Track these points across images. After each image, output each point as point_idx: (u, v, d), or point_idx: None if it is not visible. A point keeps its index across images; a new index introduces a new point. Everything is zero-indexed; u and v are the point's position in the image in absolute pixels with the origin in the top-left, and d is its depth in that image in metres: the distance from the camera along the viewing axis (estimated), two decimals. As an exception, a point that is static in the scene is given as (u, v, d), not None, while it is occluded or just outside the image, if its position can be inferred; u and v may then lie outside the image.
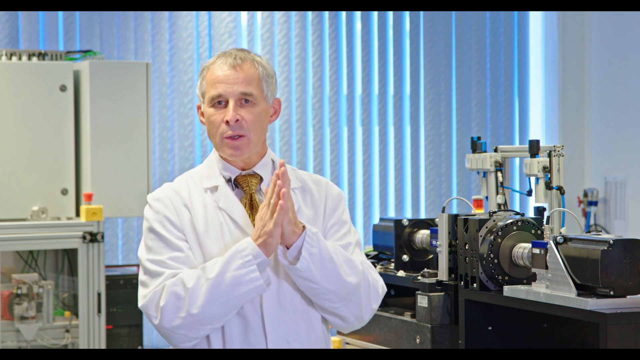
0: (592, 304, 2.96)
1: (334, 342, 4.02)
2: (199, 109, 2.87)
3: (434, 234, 3.68)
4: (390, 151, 7.07)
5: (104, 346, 5.37)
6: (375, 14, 7.01)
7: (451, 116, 7.20)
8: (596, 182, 7.34)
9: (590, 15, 7.35)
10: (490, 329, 3.46)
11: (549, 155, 3.67)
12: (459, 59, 7.22)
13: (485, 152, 3.97)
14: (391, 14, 7.05)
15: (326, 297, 2.73)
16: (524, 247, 3.33)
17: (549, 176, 3.67)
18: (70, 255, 5.54)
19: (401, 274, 3.95)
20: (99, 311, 5.34)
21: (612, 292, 2.96)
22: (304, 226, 2.69)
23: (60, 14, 6.22)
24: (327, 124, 6.90)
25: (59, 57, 5.61)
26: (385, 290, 2.86)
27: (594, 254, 2.97)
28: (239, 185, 2.82)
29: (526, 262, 3.31)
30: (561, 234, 3.34)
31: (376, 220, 6.81)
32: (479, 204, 4.01)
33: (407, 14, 7.10)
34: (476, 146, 3.99)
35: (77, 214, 5.51)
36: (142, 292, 2.72)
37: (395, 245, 3.99)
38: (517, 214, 3.53)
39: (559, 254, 3.08)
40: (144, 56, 6.41)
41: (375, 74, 7.03)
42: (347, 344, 4.07)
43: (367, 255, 4.17)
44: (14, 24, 6.13)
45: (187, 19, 6.54)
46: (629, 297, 2.97)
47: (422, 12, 7.10)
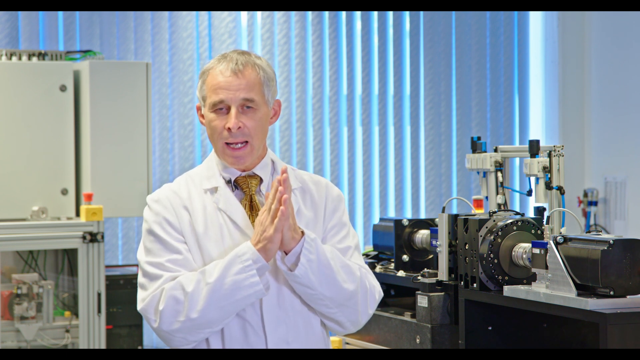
0: (592, 304, 2.95)
1: (334, 342, 4.03)
2: (198, 110, 2.87)
3: (434, 234, 3.68)
4: (390, 151, 7.07)
5: (104, 346, 5.36)
6: (375, 14, 7.01)
7: (451, 116, 7.20)
8: (596, 182, 7.34)
9: (590, 15, 7.35)
10: (490, 329, 3.46)
11: (549, 155, 3.67)
12: (459, 59, 7.22)
13: (485, 152, 3.97)
14: (391, 14, 7.05)
15: (323, 302, 2.73)
16: (524, 247, 3.33)
17: (549, 176, 3.67)
18: (70, 255, 5.54)
19: (401, 274, 3.95)
20: (99, 311, 5.33)
21: (612, 292, 2.96)
22: (303, 232, 2.69)
23: (60, 14, 6.22)
24: (327, 124, 6.90)
25: (59, 57, 5.61)
26: (382, 295, 2.86)
27: (594, 254, 2.97)
28: (238, 186, 2.82)
29: (526, 262, 3.31)
30: (561, 234, 3.34)
31: (376, 220, 6.81)
32: (479, 204, 4.01)
33: (407, 14, 7.10)
34: (476, 146, 3.99)
35: (77, 214, 5.51)
36: (141, 294, 2.72)
37: (395, 245, 3.98)
38: (517, 214, 3.53)
39: (559, 254, 3.08)
40: (144, 56, 6.41)
41: (375, 74, 7.03)
42: (347, 344, 4.07)
43: (367, 255, 4.18)
44: (14, 24, 6.13)
45: (187, 19, 6.54)
46: (629, 297, 2.97)
47: (422, 12, 7.10)
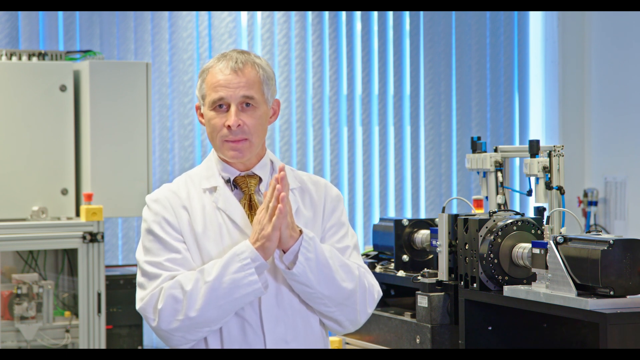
0: (592, 304, 2.95)
1: (334, 342, 4.03)
2: (197, 109, 2.87)
3: (434, 234, 3.68)
4: (390, 151, 7.07)
5: (104, 346, 5.36)
6: (375, 14, 7.01)
7: (451, 116, 7.20)
8: (596, 182, 7.34)
9: (590, 15, 7.35)
10: (490, 329, 3.46)
11: (549, 155, 3.67)
12: (459, 59, 7.22)
13: (485, 152, 3.97)
14: (391, 14, 7.05)
15: (322, 301, 2.74)
16: (524, 247, 3.33)
17: (549, 176, 3.67)
18: (70, 255, 5.54)
19: (401, 274, 3.95)
20: (99, 311, 5.33)
21: (612, 292, 2.96)
22: (301, 230, 2.69)
23: (60, 14, 6.22)
24: (327, 124, 6.90)
25: (59, 57, 5.61)
26: (380, 294, 2.86)
27: (594, 254, 2.97)
28: (238, 186, 2.82)
29: (526, 262, 3.31)
30: (561, 234, 3.34)
31: (376, 220, 6.81)
32: (479, 204, 4.01)
33: (407, 14, 7.10)
34: (476, 146, 3.99)
35: (77, 214, 5.51)
36: (139, 294, 2.72)
37: (395, 245, 3.98)
38: (517, 214, 3.53)
39: (559, 254, 3.08)
40: (144, 56, 6.41)
41: (375, 74, 7.03)
42: (347, 344, 4.07)
43: (367, 255, 4.18)
44: (14, 24, 6.13)
45: (187, 19, 6.54)
46: (629, 297, 2.97)
47: (422, 12, 7.10)
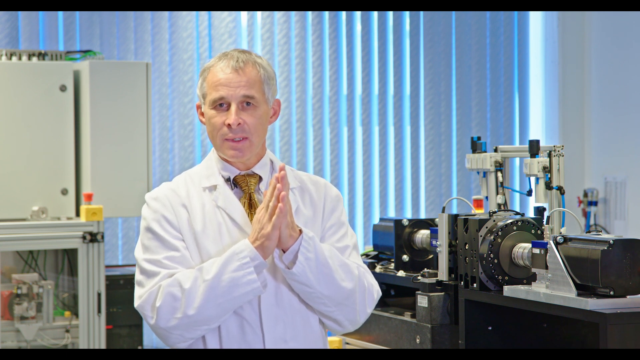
0: (592, 304, 2.95)
1: (334, 342, 4.03)
2: (198, 108, 2.88)
3: (434, 234, 3.68)
4: (390, 151, 7.07)
5: (104, 346, 5.36)
6: (375, 14, 7.01)
7: (451, 116, 7.20)
8: (596, 182, 7.34)
9: (590, 15, 7.35)
10: (490, 329, 3.46)
11: (549, 155, 3.67)
12: (459, 59, 7.22)
13: (485, 152, 3.97)
14: (391, 14, 7.05)
15: (321, 301, 2.74)
16: (524, 247, 3.33)
17: (549, 176, 3.67)
18: (70, 255, 5.54)
19: (401, 274, 3.95)
20: (99, 311, 5.33)
21: (612, 292, 2.96)
22: (301, 230, 2.69)
23: (60, 14, 6.22)
24: (327, 124, 6.90)
25: (59, 57, 5.61)
26: (380, 294, 2.86)
27: (594, 254, 2.97)
28: (238, 184, 2.82)
29: (526, 262, 3.31)
30: (561, 234, 3.34)
31: (376, 220, 6.81)
32: (479, 204, 4.01)
33: (407, 14, 7.10)
34: (476, 146, 3.99)
35: (77, 214, 5.51)
36: (138, 292, 2.72)
37: (395, 245, 3.98)
38: (517, 214, 3.53)
39: (559, 254, 3.08)
40: (144, 56, 6.41)
41: (375, 74, 7.03)
42: (347, 344, 4.07)
43: (367, 255, 4.18)
44: (14, 24, 6.13)
45: (187, 19, 6.54)
46: (629, 297, 2.97)
47: (422, 12, 7.10)
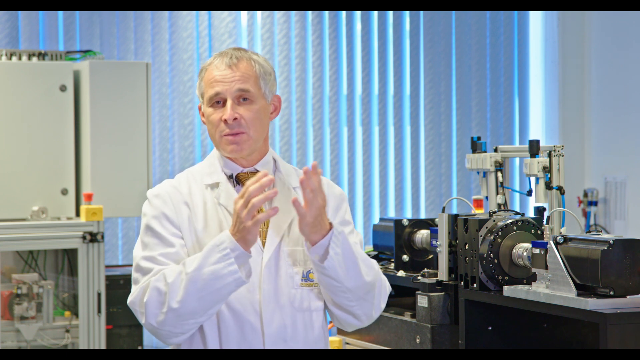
0: (592, 304, 2.95)
1: (334, 342, 4.02)
2: (200, 109, 2.88)
3: (434, 234, 3.68)
4: (390, 151, 7.07)
5: (104, 346, 5.36)
6: (375, 14, 7.00)
7: (451, 116, 7.20)
8: (596, 182, 7.34)
9: (590, 15, 7.35)
10: (490, 329, 3.46)
11: (549, 155, 3.68)
12: (459, 59, 7.22)
13: (485, 152, 3.97)
14: (391, 14, 7.05)
15: (345, 295, 2.73)
16: (524, 247, 3.33)
17: (549, 176, 3.67)
18: (70, 255, 5.54)
19: (401, 274, 3.95)
20: (99, 311, 5.33)
21: (612, 292, 2.96)
22: (331, 224, 2.67)
23: (60, 14, 6.22)
24: (327, 124, 6.90)
25: (59, 57, 5.61)
26: (391, 290, 2.87)
27: (594, 254, 2.97)
28: (240, 182, 2.82)
29: (526, 262, 3.31)
30: (561, 234, 3.34)
31: (376, 220, 6.81)
32: (479, 204, 4.01)
33: (407, 14, 7.10)
34: (476, 146, 3.99)
35: (77, 214, 5.51)
36: (132, 289, 2.73)
37: (395, 245, 3.99)
38: (517, 214, 3.53)
39: (559, 254, 3.08)
40: (144, 56, 6.40)
41: (375, 74, 7.03)
42: (347, 344, 4.07)
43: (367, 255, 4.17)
44: (14, 24, 6.13)
45: (187, 19, 6.54)
46: (629, 297, 2.97)
47: (422, 12, 7.10)
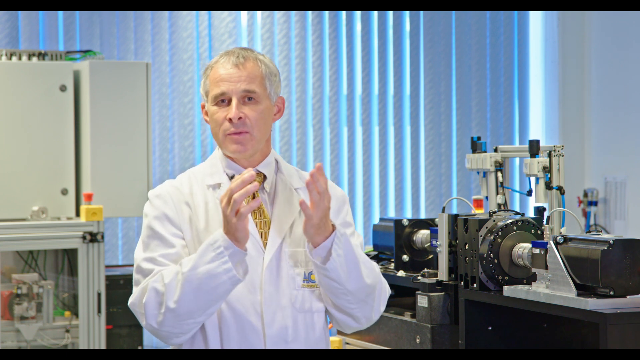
0: (592, 304, 2.95)
1: (334, 342, 4.02)
2: (203, 108, 2.87)
3: (434, 234, 3.68)
4: (390, 151, 7.07)
5: (104, 346, 5.36)
6: (375, 14, 7.01)
7: (451, 116, 7.20)
8: (596, 182, 7.34)
9: (590, 15, 7.35)
10: (490, 329, 3.46)
11: (549, 155, 3.68)
12: (459, 59, 7.22)
13: (485, 152, 3.97)
14: (391, 14, 7.05)
15: (346, 297, 2.73)
16: (524, 247, 3.33)
17: (549, 176, 3.67)
18: (70, 255, 5.54)
19: (401, 274, 3.95)
20: (99, 311, 5.33)
21: (612, 292, 2.96)
22: (334, 225, 2.67)
23: (60, 14, 6.22)
24: (327, 124, 6.90)
25: (59, 57, 5.61)
26: (390, 292, 2.87)
27: (594, 254, 2.97)
28: (242, 183, 2.82)
29: (526, 262, 3.31)
30: (561, 234, 3.34)
31: (376, 220, 6.81)
32: (479, 204, 4.01)
33: (407, 14, 7.10)
34: (476, 146, 3.99)
35: (77, 214, 5.51)
36: (133, 291, 2.73)
37: (395, 245, 3.98)
38: (517, 214, 3.53)
39: (559, 254, 3.08)
40: (144, 56, 6.41)
41: (375, 74, 7.03)
42: (347, 344, 4.07)
43: (367, 255, 4.17)
44: (14, 24, 6.13)
45: (187, 19, 6.54)
46: (629, 297, 2.97)
47: (422, 12, 7.10)
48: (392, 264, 4.04)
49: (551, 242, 3.10)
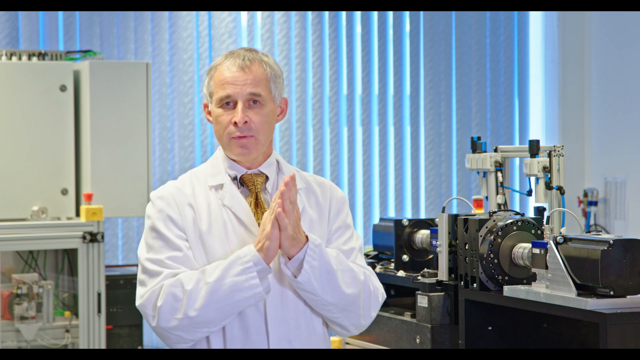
0: (592, 304, 2.95)
1: (335, 341, 4.03)
2: (205, 107, 2.87)
3: (434, 234, 3.68)
4: (390, 151, 7.07)
5: (104, 346, 5.37)
6: (375, 14, 7.01)
7: (451, 116, 7.20)
8: (596, 182, 7.34)
9: (590, 15, 7.35)
10: (490, 329, 3.46)
11: (549, 155, 3.67)
12: (459, 59, 7.22)
13: (485, 152, 3.97)
14: (391, 14, 7.05)
15: (326, 308, 2.75)
16: (524, 247, 3.33)
17: (549, 176, 3.67)
18: (70, 255, 5.54)
19: (401, 274, 3.95)
20: (99, 311, 5.34)
21: (612, 292, 2.96)
22: (307, 237, 2.69)
23: (60, 14, 6.22)
24: (327, 124, 6.90)
25: (59, 57, 5.61)
26: (384, 297, 2.87)
27: (594, 254, 2.97)
28: (244, 184, 2.83)
29: (526, 262, 3.31)
30: (561, 234, 3.34)
31: (376, 220, 6.81)
32: (479, 204, 4.01)
33: (407, 14, 7.10)
34: (476, 146, 3.99)
35: (77, 214, 5.51)
36: (140, 291, 2.72)
37: (395, 245, 3.98)
38: (517, 214, 3.52)
39: (559, 254, 3.08)
40: (144, 56, 6.41)
41: (375, 74, 7.03)
42: (347, 344, 4.07)
43: (367, 255, 4.17)
44: (14, 24, 6.13)
45: (187, 19, 6.54)
46: (629, 297, 2.97)
47: (422, 12, 7.10)
48: (392, 264, 4.04)
49: (551, 242, 3.10)
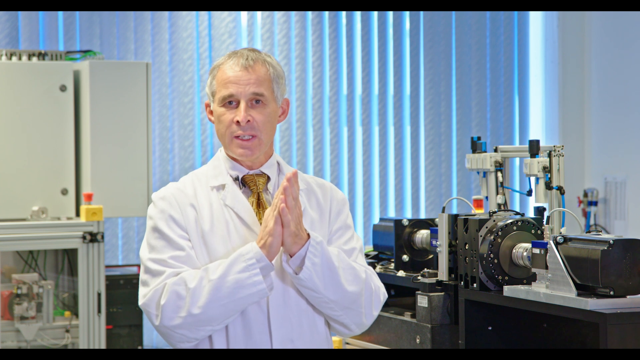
0: (592, 304, 2.95)
1: (335, 341, 4.03)
2: (207, 107, 2.88)
3: (434, 234, 3.68)
4: (390, 151, 7.07)
5: (104, 346, 5.37)
6: (375, 14, 7.01)
7: (451, 116, 7.21)
8: (596, 182, 7.34)
9: (590, 15, 7.35)
10: (490, 329, 3.46)
11: (549, 155, 3.67)
12: (459, 59, 7.22)
13: (485, 152, 3.97)
14: (391, 14, 7.05)
15: (328, 306, 2.75)
16: (524, 247, 3.33)
17: (549, 176, 3.67)
18: (70, 255, 5.54)
19: (401, 274, 3.95)
20: (99, 311, 5.34)
21: (612, 292, 2.96)
22: (309, 234, 2.69)
23: (60, 14, 6.22)
24: (327, 124, 6.90)
25: (59, 57, 5.61)
26: (386, 296, 2.87)
27: (594, 254, 2.97)
28: (246, 184, 2.83)
29: (526, 262, 3.31)
30: (561, 234, 3.34)
31: (376, 220, 6.81)
32: (479, 204, 4.01)
33: (407, 14, 7.10)
34: (476, 146, 3.99)
35: (77, 214, 5.51)
36: (142, 291, 2.72)
37: (395, 245, 3.98)
38: (517, 214, 3.52)
39: (559, 254, 3.08)
40: (144, 56, 6.41)
41: (375, 74, 7.03)
42: (347, 344, 4.07)
43: (367, 255, 4.17)
44: (14, 24, 6.13)
45: (187, 19, 6.54)
46: (629, 297, 2.97)
47: (422, 12, 7.11)
48: (392, 264, 4.04)
49: (551, 242, 3.10)
